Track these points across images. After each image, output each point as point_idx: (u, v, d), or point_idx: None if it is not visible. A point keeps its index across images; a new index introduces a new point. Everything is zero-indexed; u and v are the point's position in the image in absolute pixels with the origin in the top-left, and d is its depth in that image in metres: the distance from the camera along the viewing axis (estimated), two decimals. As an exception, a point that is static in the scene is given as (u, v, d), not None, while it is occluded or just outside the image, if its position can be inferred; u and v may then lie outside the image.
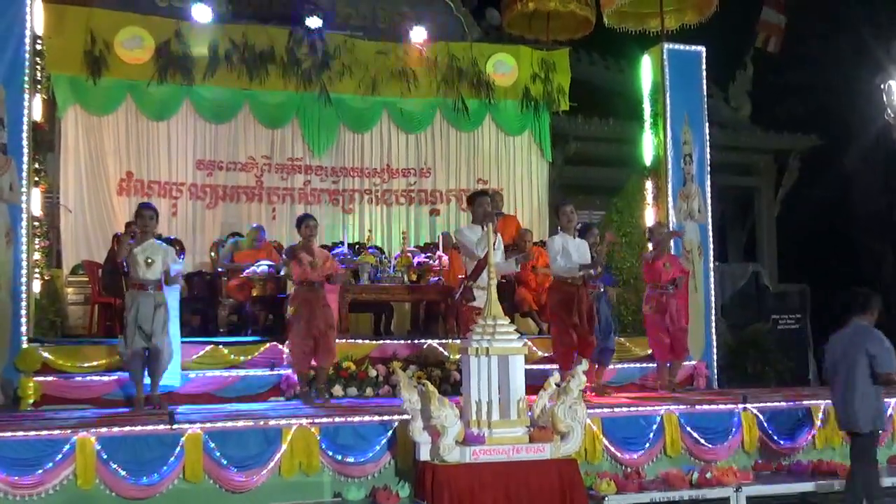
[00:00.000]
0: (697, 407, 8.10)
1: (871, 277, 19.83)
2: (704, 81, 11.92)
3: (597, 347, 9.17)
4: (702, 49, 11.92)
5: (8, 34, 9.37)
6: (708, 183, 11.73)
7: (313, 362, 8.77)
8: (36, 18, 9.74)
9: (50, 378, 8.81)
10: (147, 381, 8.18)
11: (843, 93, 18.29)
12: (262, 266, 10.96)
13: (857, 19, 19.07)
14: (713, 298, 11.65)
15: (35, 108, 9.66)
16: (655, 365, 10.12)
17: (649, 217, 11.67)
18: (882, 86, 12.65)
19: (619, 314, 11.66)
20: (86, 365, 9.09)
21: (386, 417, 7.09)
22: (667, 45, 11.77)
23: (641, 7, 12.24)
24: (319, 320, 8.63)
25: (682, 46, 11.88)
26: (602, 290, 9.50)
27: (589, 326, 8.88)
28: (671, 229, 10.97)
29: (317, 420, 6.96)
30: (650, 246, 10.27)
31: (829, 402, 8.29)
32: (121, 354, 8.29)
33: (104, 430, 6.45)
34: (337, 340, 9.05)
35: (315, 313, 8.63)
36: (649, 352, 10.29)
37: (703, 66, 11.90)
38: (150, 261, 8.01)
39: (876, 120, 14.75)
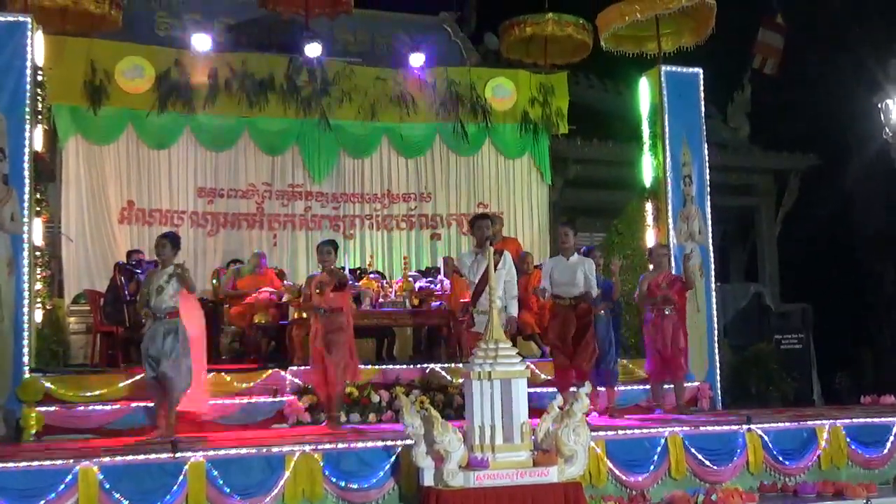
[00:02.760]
0: (702, 428, 8.07)
1: (873, 296, 19.84)
2: (702, 103, 11.94)
3: (593, 371, 9.15)
4: (699, 71, 11.97)
5: (9, 66, 9.46)
6: (708, 203, 11.74)
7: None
8: (37, 50, 9.81)
9: (52, 408, 8.79)
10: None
11: (842, 112, 18.33)
12: (264, 293, 10.97)
13: (855, 39, 19.16)
14: (715, 319, 11.62)
15: (36, 139, 9.71)
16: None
17: (650, 238, 11.68)
18: (880, 105, 12.72)
19: (622, 335, 11.64)
20: (88, 394, 9.08)
21: (389, 443, 7.07)
22: (664, 68, 11.82)
23: (638, 30, 12.28)
24: (323, 347, 8.62)
25: (679, 68, 11.92)
26: (601, 311, 9.46)
27: (577, 349, 8.82)
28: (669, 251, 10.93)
29: (320, 446, 6.94)
30: (651, 267, 10.26)
31: (834, 421, 8.29)
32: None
33: (107, 459, 6.43)
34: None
35: (319, 340, 8.64)
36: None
37: (701, 88, 11.92)
38: (160, 288, 8.03)
39: (875, 138, 14.81)
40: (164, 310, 8.02)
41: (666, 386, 9.88)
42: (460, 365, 9.14)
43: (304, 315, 9.16)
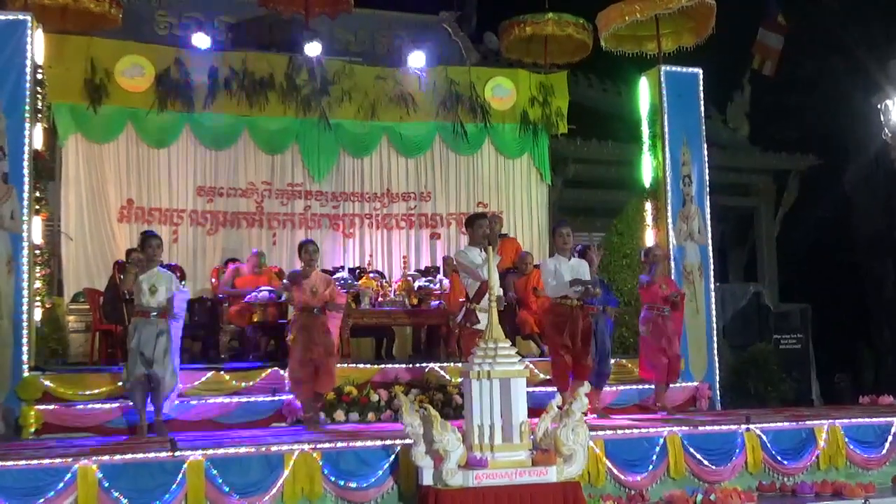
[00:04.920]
0: (700, 428, 8.07)
1: (872, 296, 19.86)
2: (702, 103, 11.95)
3: (593, 370, 9.14)
4: (699, 71, 11.97)
5: (9, 64, 9.48)
6: (707, 203, 11.74)
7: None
8: (37, 48, 9.82)
9: (51, 406, 8.81)
10: (151, 408, 8.20)
11: (841, 113, 18.36)
12: (263, 292, 10.97)
13: (853, 40, 19.17)
14: (714, 319, 11.63)
15: (36, 137, 9.72)
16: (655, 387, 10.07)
17: (649, 238, 11.68)
18: (879, 105, 12.73)
19: (621, 335, 11.65)
20: (87, 393, 9.08)
21: (388, 442, 7.07)
22: (664, 68, 11.82)
23: (638, 30, 12.29)
24: (318, 346, 8.62)
25: (679, 68, 11.93)
26: (601, 310, 9.45)
27: (583, 349, 8.80)
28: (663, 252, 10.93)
29: (319, 445, 6.94)
30: (647, 268, 10.23)
31: (832, 421, 8.29)
32: (124, 382, 8.30)
33: (106, 458, 6.44)
34: (338, 365, 9.07)
35: (314, 339, 8.63)
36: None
37: (701, 88, 11.93)
38: (153, 288, 8.02)
39: (874, 139, 14.83)
40: (158, 309, 8.02)
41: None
42: (459, 364, 9.14)
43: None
